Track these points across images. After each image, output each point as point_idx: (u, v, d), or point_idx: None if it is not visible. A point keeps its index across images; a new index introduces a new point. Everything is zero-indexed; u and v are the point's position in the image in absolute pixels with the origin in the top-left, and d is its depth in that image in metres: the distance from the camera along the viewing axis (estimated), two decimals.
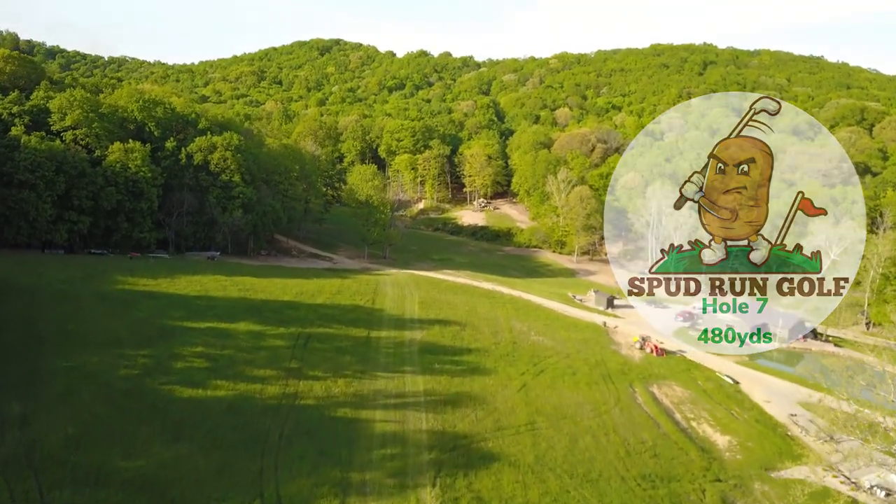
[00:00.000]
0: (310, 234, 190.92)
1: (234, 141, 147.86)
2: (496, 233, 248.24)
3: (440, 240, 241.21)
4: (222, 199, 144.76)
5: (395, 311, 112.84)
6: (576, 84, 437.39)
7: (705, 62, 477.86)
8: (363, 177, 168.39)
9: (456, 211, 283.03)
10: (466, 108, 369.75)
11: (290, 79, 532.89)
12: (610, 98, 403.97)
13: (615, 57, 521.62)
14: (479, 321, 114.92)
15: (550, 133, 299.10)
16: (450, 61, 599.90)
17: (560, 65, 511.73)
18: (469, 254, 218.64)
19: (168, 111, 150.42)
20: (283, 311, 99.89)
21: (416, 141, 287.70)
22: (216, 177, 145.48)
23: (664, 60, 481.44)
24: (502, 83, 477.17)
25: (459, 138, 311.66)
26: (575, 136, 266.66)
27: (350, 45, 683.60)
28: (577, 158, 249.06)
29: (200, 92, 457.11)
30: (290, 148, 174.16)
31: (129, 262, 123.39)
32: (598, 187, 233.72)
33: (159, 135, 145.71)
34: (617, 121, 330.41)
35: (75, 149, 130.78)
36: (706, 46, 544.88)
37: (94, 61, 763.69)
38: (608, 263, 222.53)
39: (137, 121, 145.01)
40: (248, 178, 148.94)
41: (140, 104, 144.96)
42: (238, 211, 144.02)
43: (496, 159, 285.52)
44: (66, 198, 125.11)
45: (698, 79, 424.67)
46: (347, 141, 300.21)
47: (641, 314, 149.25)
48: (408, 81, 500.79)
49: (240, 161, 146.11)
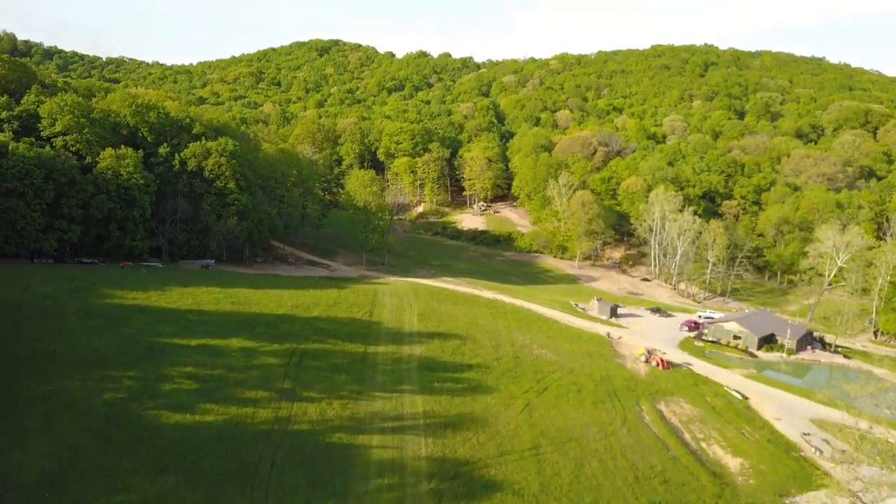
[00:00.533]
0: (307, 239, 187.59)
1: (230, 146, 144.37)
2: (496, 237, 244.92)
3: (440, 245, 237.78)
4: (217, 207, 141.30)
5: (393, 323, 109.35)
6: (576, 86, 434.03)
7: (706, 63, 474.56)
8: (361, 182, 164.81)
9: (456, 215, 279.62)
10: (466, 110, 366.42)
11: (289, 80, 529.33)
12: (611, 100, 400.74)
13: (616, 58, 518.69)
14: (481, 334, 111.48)
15: (551, 136, 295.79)
16: (449, 62, 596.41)
17: (560, 66, 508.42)
18: (469, 259, 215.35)
19: (161, 116, 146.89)
20: (277, 326, 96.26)
21: (415, 144, 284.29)
22: (211, 183, 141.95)
23: (665, 62, 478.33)
24: (502, 84, 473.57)
25: (459, 141, 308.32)
26: (576, 140, 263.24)
27: (349, 45, 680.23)
28: (579, 162, 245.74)
29: (198, 94, 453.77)
30: (287, 152, 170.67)
31: (120, 271, 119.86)
32: (600, 191, 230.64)
33: (152, 140, 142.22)
34: (618, 123, 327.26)
35: (65, 155, 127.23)
36: (707, 47, 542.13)
37: (92, 62, 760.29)
38: (610, 269, 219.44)
39: (130, 126, 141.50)
40: (243, 184, 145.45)
41: (133, 109, 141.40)
42: (233, 218, 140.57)
43: (496, 162, 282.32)
44: (56, 206, 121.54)
45: (700, 80, 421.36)
46: (346, 144, 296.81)
47: (646, 323, 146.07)
48: (407, 83, 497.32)
49: (235, 167, 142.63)
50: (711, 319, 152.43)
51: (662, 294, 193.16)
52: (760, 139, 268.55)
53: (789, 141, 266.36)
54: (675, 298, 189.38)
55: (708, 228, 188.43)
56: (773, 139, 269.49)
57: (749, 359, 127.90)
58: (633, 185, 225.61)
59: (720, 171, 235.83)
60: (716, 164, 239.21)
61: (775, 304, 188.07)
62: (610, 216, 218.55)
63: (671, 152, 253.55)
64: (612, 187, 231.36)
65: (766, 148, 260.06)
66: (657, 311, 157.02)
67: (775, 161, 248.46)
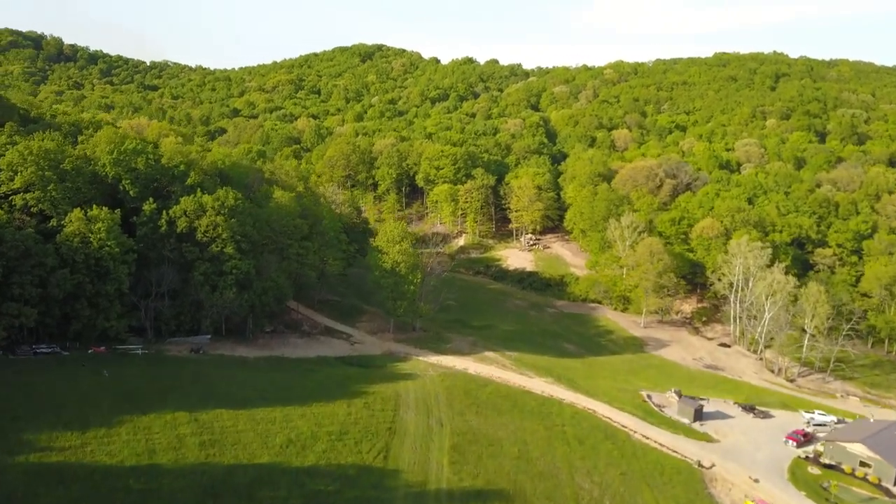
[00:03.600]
0: (328, 294, 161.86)
1: (230, 201, 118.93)
2: (547, 281, 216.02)
3: (482, 290, 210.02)
4: (211, 276, 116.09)
5: (414, 474, 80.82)
6: (633, 99, 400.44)
7: (777, 74, 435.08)
8: (390, 237, 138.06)
9: (500, 249, 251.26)
10: (514, 127, 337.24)
11: (329, 88, 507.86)
12: (672, 116, 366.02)
13: (676, 67, 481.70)
14: (533, 484, 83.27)
15: (610, 161, 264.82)
16: (496, 69, 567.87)
17: (615, 76, 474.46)
18: (515, 313, 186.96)
19: (150, 162, 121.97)
20: (253, 493, 69.80)
21: (457, 169, 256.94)
22: (204, 247, 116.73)
23: (731, 72, 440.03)
24: (552, 96, 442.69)
25: (506, 165, 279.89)
26: (639, 170, 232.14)
27: (393, 50, 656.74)
28: (644, 198, 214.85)
29: (233, 104, 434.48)
30: (305, 199, 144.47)
31: (67, 384, 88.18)
32: (669, 235, 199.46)
33: (136, 194, 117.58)
34: (684, 146, 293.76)
35: (21, 219, 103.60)
36: (777, 56, 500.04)
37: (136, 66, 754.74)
38: (680, 327, 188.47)
39: (111, 177, 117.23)
40: (245, 246, 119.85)
41: (114, 157, 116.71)
42: (230, 290, 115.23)
43: (547, 191, 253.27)
44: (5, 286, 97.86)
45: (772, 94, 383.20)
46: (382, 167, 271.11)
47: (739, 431, 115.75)
48: (451, 92, 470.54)
49: (234, 227, 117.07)
50: (823, 426, 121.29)
51: (746, 367, 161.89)
52: (854, 171, 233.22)
53: (887, 173, 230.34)
54: (762, 374, 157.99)
55: (805, 293, 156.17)
56: (869, 171, 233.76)
57: (887, 501, 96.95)
58: (708, 228, 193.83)
59: (810, 212, 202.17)
60: (805, 204, 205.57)
61: (888, 384, 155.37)
62: (682, 265, 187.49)
63: (750, 187, 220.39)
64: (684, 230, 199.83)
65: (862, 182, 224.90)
66: (750, 409, 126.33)
67: (874, 198, 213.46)
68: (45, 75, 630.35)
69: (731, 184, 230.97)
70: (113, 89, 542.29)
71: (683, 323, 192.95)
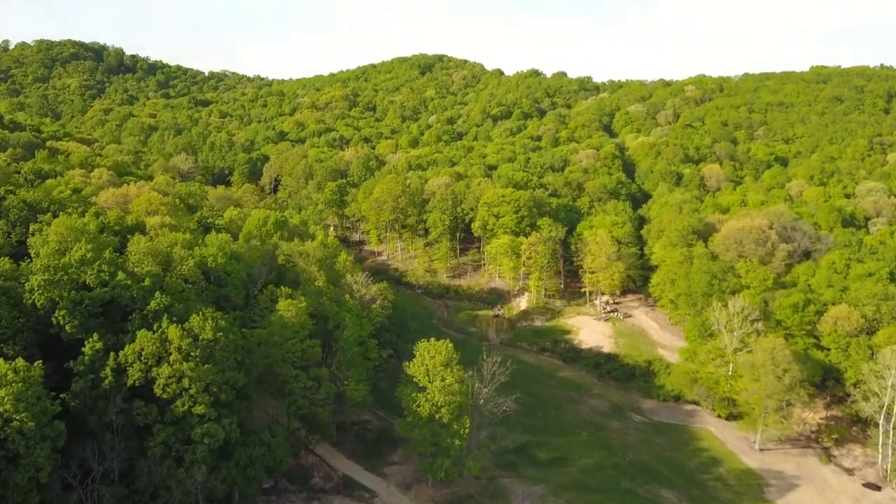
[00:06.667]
0: (351, 413, 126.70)
1: (207, 333, 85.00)
2: (630, 369, 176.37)
3: (550, 379, 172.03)
4: (175, 445, 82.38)
5: None
6: (722, 123, 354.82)
7: (889, 94, 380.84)
8: (430, 365, 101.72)
9: (570, 315, 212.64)
10: (586, 159, 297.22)
11: (385, 105, 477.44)
12: (770, 145, 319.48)
13: (768, 84, 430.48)
14: None
15: (704, 213, 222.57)
16: (564, 83, 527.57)
17: (699, 93, 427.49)
18: (593, 423, 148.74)
19: (103, 276, 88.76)
20: None
21: (519, 219, 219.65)
22: (165, 406, 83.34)
23: (834, 91, 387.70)
24: (627, 116, 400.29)
25: (577, 210, 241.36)
26: (745, 231, 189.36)
27: (454, 61, 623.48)
28: (754, 272, 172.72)
29: (279, 126, 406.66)
30: (322, 305, 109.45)
31: None
32: (791, 326, 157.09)
33: (75, 328, 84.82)
34: (791, 189, 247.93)
35: None
36: (886, 70, 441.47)
37: (194, 77, 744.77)
38: (806, 447, 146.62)
39: (40, 308, 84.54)
40: (227, 396, 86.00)
41: (48, 276, 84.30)
42: (200, 467, 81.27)
43: (628, 245, 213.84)
44: None
45: (888, 119, 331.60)
46: (435, 211, 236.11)
47: None
48: (515, 108, 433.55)
49: (209, 376, 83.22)
50: None
51: None
52: None
53: None
54: None
55: None
56: None
57: None
58: (843, 319, 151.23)
59: None
60: None
61: None
62: (811, 371, 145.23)
63: (891, 258, 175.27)
64: (810, 318, 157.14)
65: None
66: None
67: None
68: (103, 88, 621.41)
69: (862, 249, 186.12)
70: (165, 104, 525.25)
71: (809, 440, 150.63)
